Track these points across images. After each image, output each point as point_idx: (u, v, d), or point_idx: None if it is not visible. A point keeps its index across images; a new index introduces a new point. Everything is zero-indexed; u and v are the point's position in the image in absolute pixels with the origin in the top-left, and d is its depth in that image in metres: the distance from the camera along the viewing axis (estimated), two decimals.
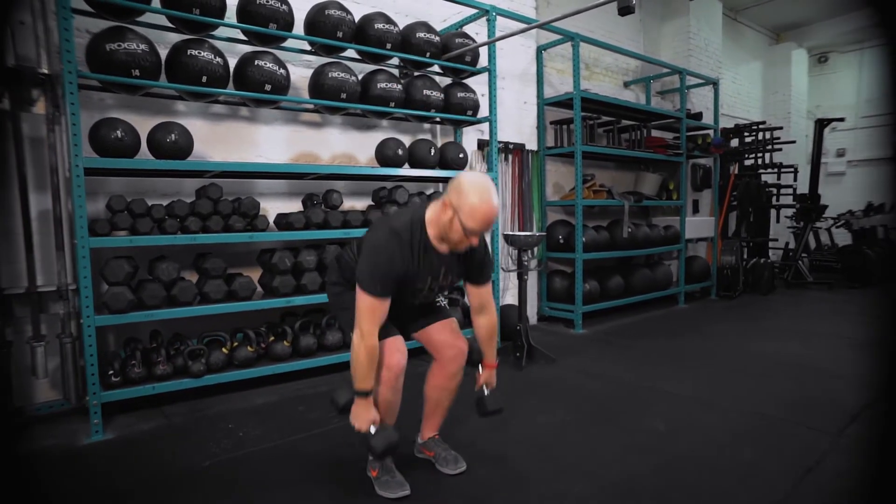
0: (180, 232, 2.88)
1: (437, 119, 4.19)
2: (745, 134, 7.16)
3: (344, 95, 3.47)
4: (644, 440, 2.51)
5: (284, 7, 3.20)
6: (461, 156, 4.00)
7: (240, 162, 3.38)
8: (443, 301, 2.20)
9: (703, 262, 6.37)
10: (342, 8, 3.46)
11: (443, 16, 4.53)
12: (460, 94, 4.05)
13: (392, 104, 3.69)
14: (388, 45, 3.64)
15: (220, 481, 2.17)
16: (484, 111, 4.24)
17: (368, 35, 3.59)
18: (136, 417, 2.84)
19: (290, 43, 3.49)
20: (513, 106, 4.92)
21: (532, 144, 5.06)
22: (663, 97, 6.73)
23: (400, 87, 3.73)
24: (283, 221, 3.32)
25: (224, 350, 3.02)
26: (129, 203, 2.73)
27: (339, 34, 3.42)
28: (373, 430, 1.89)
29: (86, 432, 2.61)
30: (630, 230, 5.21)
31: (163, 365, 2.81)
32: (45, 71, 2.63)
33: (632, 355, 4.02)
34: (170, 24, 3.04)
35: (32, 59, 2.64)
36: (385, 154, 3.72)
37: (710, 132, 6.49)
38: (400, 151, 3.72)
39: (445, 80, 4.25)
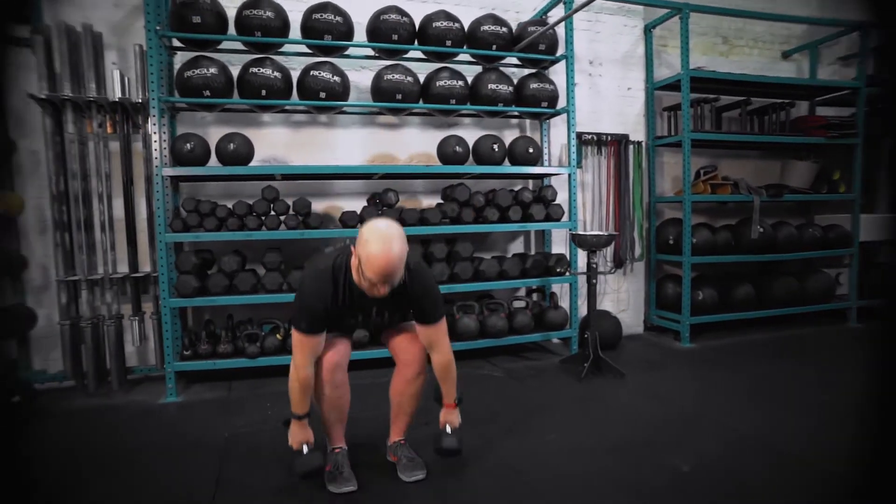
0: (245, 229, 3.29)
1: (515, 113, 4.03)
2: None
3: (399, 96, 3.56)
4: (653, 481, 2.11)
5: (339, 18, 3.42)
6: (530, 150, 3.78)
7: (291, 165, 3.73)
8: None
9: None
10: (399, 12, 3.56)
11: (533, 5, 4.32)
12: (533, 86, 3.83)
13: (452, 101, 3.66)
14: (449, 42, 3.63)
15: (219, 451, 2.43)
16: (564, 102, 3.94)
17: (428, 34, 3.63)
18: (207, 388, 3.34)
19: (355, 51, 3.71)
20: (613, 93, 4.46)
21: (638, 134, 4.52)
22: (845, 63, 5.38)
23: (461, 83, 3.68)
24: (342, 220, 3.54)
25: (278, 336, 3.36)
26: (197, 204, 3.21)
27: (395, 37, 3.53)
28: (305, 449, 1.98)
29: (163, 394, 3.17)
30: (762, 230, 4.32)
31: (224, 344, 3.25)
32: (139, 100, 3.23)
33: (727, 380, 3.34)
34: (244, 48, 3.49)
35: (133, 91, 3.28)
36: (445, 152, 3.71)
37: None
38: (459, 149, 3.67)
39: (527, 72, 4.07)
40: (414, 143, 4.14)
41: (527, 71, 4.07)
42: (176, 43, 3.43)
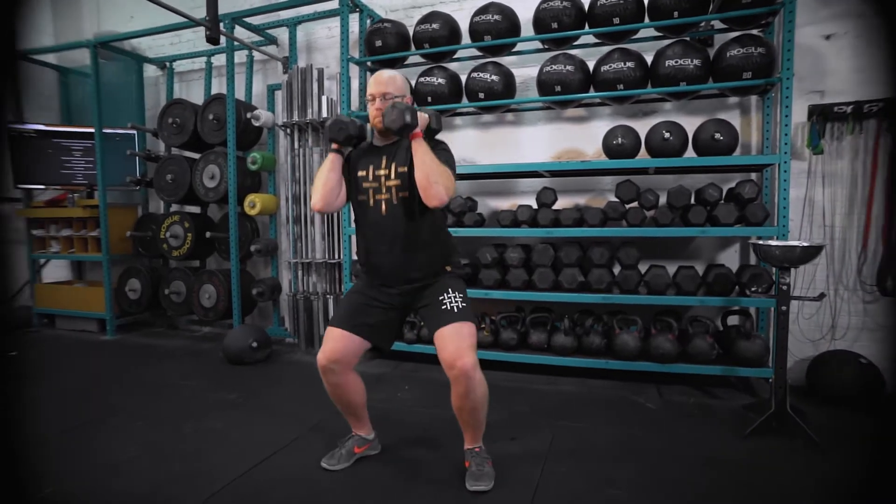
0: None
1: (715, 91, 3.26)
2: None
3: (558, 88, 3.33)
4: None
5: (497, 17, 3.42)
6: (717, 136, 3.00)
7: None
8: (450, 302, 2.09)
9: None
10: None
11: None
12: (732, 53, 3.02)
13: (620, 86, 3.22)
14: (616, 20, 3.20)
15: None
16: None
17: (595, 15, 3.28)
18: (380, 363, 3.78)
19: (526, 45, 3.63)
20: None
21: None
22: None
23: (631, 64, 3.19)
24: (497, 219, 3.55)
25: None
26: None
27: (554, 25, 3.31)
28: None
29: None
30: None
31: None
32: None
33: None
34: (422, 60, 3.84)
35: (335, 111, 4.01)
36: (609, 144, 3.29)
37: None
38: (622, 140, 3.21)
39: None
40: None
41: (732, 35, 3.22)
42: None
